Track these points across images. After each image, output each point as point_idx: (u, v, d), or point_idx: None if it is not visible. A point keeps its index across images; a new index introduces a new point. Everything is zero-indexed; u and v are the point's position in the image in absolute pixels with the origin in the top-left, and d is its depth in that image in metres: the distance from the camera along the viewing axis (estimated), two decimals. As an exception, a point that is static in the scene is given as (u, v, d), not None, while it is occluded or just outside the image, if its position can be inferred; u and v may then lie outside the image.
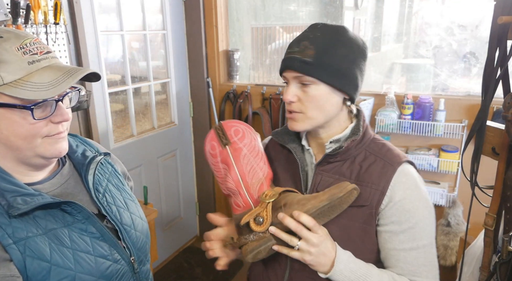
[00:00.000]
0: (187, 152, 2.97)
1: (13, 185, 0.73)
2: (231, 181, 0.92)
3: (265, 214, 0.86)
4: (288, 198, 0.88)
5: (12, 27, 1.57)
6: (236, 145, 0.94)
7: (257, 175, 0.92)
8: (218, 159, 0.95)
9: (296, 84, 0.90)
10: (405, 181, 0.90)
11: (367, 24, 2.81)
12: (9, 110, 0.70)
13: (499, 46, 1.15)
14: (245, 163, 0.93)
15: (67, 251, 0.75)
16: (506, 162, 1.19)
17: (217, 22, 2.68)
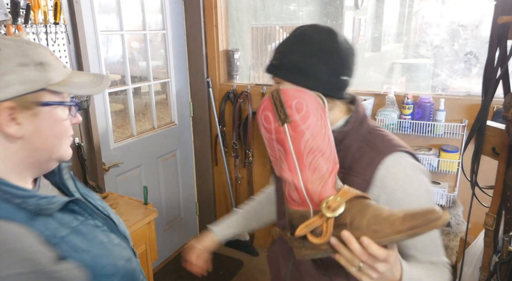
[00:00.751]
0: (187, 152, 2.97)
1: (28, 191, 0.74)
2: (286, 170, 0.77)
3: (325, 228, 0.73)
4: (355, 211, 0.73)
5: (12, 28, 1.57)
6: (297, 125, 0.75)
7: (319, 170, 0.76)
8: (273, 136, 0.78)
9: (275, 84, 0.97)
10: (396, 171, 0.87)
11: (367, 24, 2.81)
12: (54, 108, 0.75)
13: (499, 46, 1.15)
14: (307, 152, 0.75)
15: (95, 243, 0.79)
16: (506, 162, 1.19)
17: (217, 22, 2.68)
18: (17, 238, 0.67)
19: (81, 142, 2.03)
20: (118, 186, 2.38)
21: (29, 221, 0.70)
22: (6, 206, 0.70)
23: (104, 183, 2.20)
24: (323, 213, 0.73)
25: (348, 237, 0.70)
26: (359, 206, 0.73)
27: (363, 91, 2.38)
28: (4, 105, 0.68)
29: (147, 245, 1.74)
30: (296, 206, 0.78)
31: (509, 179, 1.16)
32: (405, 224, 0.68)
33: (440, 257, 0.91)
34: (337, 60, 0.91)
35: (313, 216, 0.75)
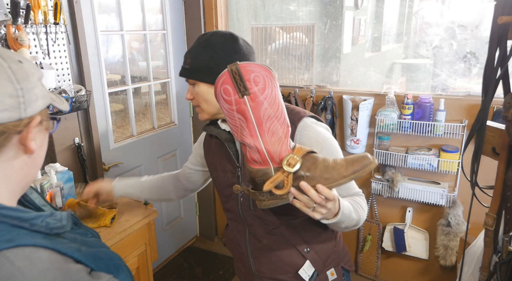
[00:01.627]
0: (187, 152, 2.97)
1: (29, 212, 0.69)
2: (248, 136, 0.87)
3: (286, 181, 0.87)
4: (309, 165, 0.87)
5: (12, 28, 1.57)
6: (256, 97, 0.84)
7: (277, 133, 0.87)
8: (233, 107, 0.86)
9: (190, 86, 1.16)
10: (307, 133, 1.08)
11: (367, 24, 2.81)
12: (49, 122, 0.73)
13: (499, 46, 1.15)
14: (266, 119, 0.86)
15: (99, 249, 0.77)
16: (506, 162, 1.19)
17: (217, 22, 2.68)
18: (56, 264, 0.63)
19: (81, 142, 2.03)
20: (118, 186, 2.38)
21: (50, 243, 0.66)
22: (20, 231, 0.64)
23: (104, 183, 2.20)
24: (285, 169, 0.86)
25: (306, 187, 0.86)
26: (311, 160, 0.88)
27: (363, 91, 2.38)
28: (36, 119, 0.67)
29: (147, 245, 1.74)
30: (258, 166, 0.89)
31: (509, 179, 1.16)
32: (348, 169, 0.86)
33: (356, 189, 1.13)
34: (239, 59, 1.08)
35: (275, 173, 0.88)
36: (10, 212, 0.65)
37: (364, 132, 2.34)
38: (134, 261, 1.66)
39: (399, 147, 2.31)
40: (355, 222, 1.04)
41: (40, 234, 0.66)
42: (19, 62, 0.66)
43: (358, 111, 2.25)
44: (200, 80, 1.12)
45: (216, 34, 1.12)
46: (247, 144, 0.88)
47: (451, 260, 2.25)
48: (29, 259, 0.61)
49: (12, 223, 0.64)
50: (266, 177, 0.88)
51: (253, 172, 0.90)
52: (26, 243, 0.62)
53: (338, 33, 2.62)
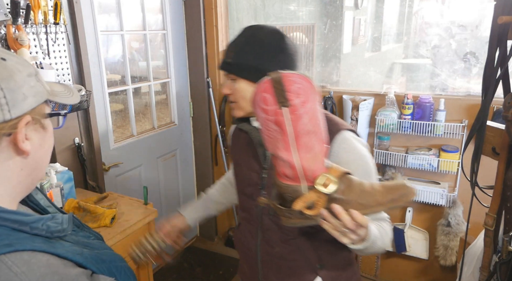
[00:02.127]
0: (187, 152, 2.97)
1: (30, 216, 0.68)
2: (282, 150, 0.82)
3: (318, 202, 0.82)
4: (344, 187, 0.83)
5: (12, 28, 1.57)
6: (296, 109, 0.79)
7: (313, 149, 0.82)
8: (270, 117, 0.81)
9: (228, 80, 1.09)
10: (345, 146, 1.04)
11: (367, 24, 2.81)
12: (49, 120, 0.70)
13: (499, 46, 1.15)
14: (303, 134, 0.80)
15: (101, 251, 0.77)
16: (506, 162, 1.19)
17: (217, 22, 2.68)
18: (55, 269, 0.62)
19: (81, 142, 2.03)
20: (118, 186, 2.38)
21: (50, 245, 0.65)
22: (20, 235, 0.63)
23: (104, 183, 2.20)
24: (319, 189, 0.81)
25: (339, 211, 0.81)
26: (346, 182, 0.83)
27: (363, 91, 2.38)
28: (25, 119, 0.63)
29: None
30: (289, 181, 0.84)
31: (509, 179, 1.16)
32: (385, 197, 0.81)
33: (384, 214, 1.09)
34: (285, 59, 1.05)
35: (309, 192, 0.83)
36: (10, 215, 0.63)
37: (364, 132, 2.34)
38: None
39: (399, 147, 2.31)
40: (378, 249, 0.98)
41: (40, 238, 0.65)
42: (2, 60, 0.62)
43: (358, 111, 2.25)
44: (242, 77, 1.06)
45: (263, 29, 1.07)
46: (280, 157, 0.82)
47: (451, 260, 2.25)
48: (27, 264, 0.59)
49: (12, 226, 0.63)
50: (296, 194, 0.83)
51: (282, 187, 0.85)
52: (25, 247, 0.61)
53: (338, 33, 2.62)
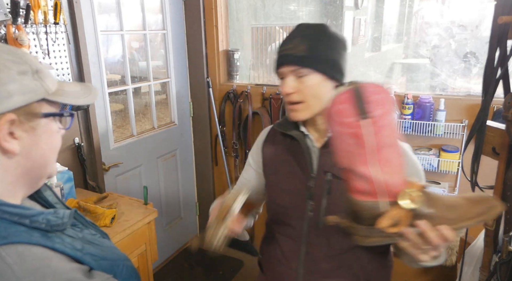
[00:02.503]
0: (187, 152, 2.97)
1: (31, 210, 0.68)
2: (359, 164, 0.76)
3: (404, 219, 0.76)
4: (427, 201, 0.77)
5: (12, 28, 1.57)
6: (376, 122, 0.74)
7: (392, 163, 0.77)
8: (347, 130, 0.75)
9: (292, 77, 1.00)
10: (407, 159, 1.00)
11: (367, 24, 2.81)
12: (51, 121, 0.69)
13: (499, 46, 1.15)
14: (382, 147, 0.75)
15: (105, 249, 0.77)
16: (506, 162, 1.19)
17: (217, 22, 2.68)
18: (48, 262, 0.63)
19: (81, 142, 2.03)
20: (118, 186, 2.38)
21: (48, 239, 0.66)
22: (18, 228, 0.64)
23: (104, 183, 2.20)
24: (404, 205, 0.75)
25: (426, 227, 0.75)
26: (426, 196, 0.77)
27: (363, 91, 2.38)
28: (6, 118, 0.62)
29: (147, 245, 1.74)
30: (365, 197, 0.78)
31: (509, 179, 1.16)
32: (472, 211, 0.76)
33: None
34: (346, 55, 1.04)
35: (391, 208, 0.77)
36: (10, 208, 0.64)
37: (364, 132, 2.34)
38: (134, 261, 1.66)
39: (399, 147, 2.31)
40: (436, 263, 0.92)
41: (38, 232, 0.66)
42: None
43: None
44: (320, 71, 0.98)
45: (326, 26, 1.03)
46: (356, 172, 0.77)
47: (451, 260, 2.24)
48: (21, 256, 0.60)
49: (11, 219, 0.64)
50: (374, 211, 0.78)
51: (357, 204, 0.79)
52: (20, 240, 0.61)
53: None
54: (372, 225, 0.78)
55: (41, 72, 0.67)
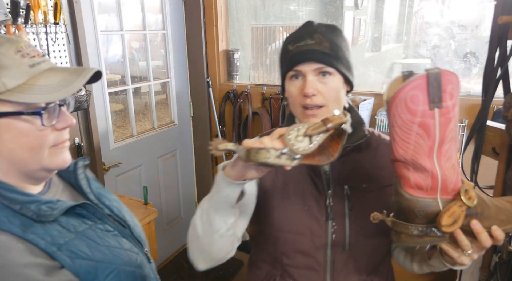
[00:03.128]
0: (187, 152, 2.97)
1: (30, 196, 0.70)
2: (424, 157, 0.71)
3: (460, 218, 0.72)
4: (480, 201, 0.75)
5: (12, 28, 1.57)
6: (447, 112, 0.69)
7: (452, 158, 0.73)
8: (416, 119, 0.69)
9: (314, 77, 0.89)
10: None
11: (367, 24, 2.81)
12: (14, 119, 0.65)
13: (499, 46, 1.15)
14: (448, 140, 0.70)
15: (102, 248, 0.76)
16: (506, 162, 1.19)
17: (217, 22, 2.68)
18: (4, 253, 0.63)
19: (81, 142, 2.03)
20: (118, 186, 2.38)
21: (26, 228, 0.66)
22: (5, 212, 0.66)
23: (104, 183, 2.20)
24: (465, 202, 0.72)
25: (479, 228, 0.73)
26: (478, 196, 0.75)
27: (363, 91, 2.38)
28: None
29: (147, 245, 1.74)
30: (422, 194, 0.74)
31: (509, 179, 1.16)
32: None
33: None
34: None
35: (449, 205, 0.73)
36: (6, 192, 0.67)
37: (364, 132, 2.34)
38: (134, 261, 1.66)
39: (399, 147, 2.31)
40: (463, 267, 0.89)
41: (23, 219, 0.67)
42: None
43: (359, 111, 2.25)
44: (343, 73, 0.90)
45: (336, 25, 0.96)
46: (420, 165, 0.71)
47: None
48: None
49: (2, 202, 0.67)
50: (430, 208, 0.74)
51: (412, 201, 0.74)
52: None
53: (338, 33, 2.62)
54: (425, 223, 0.74)
55: (2, 68, 0.64)
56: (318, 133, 0.67)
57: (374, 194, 0.94)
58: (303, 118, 0.92)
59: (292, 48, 0.90)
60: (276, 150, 0.67)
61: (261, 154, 0.67)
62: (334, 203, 0.92)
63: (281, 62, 0.96)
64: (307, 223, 0.92)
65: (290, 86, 0.92)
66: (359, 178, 0.95)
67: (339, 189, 0.93)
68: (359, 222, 0.92)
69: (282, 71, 0.95)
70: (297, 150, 0.67)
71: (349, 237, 0.91)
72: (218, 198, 0.79)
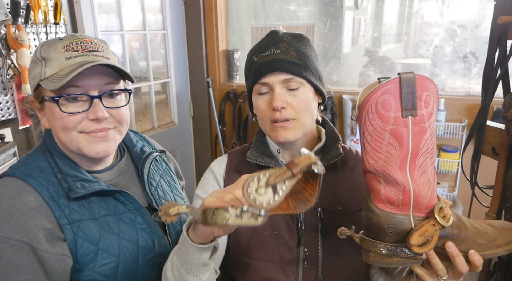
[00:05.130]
0: (187, 152, 2.97)
1: (75, 171, 0.78)
2: (395, 168, 0.65)
3: (433, 238, 0.66)
4: (457, 222, 0.69)
5: (12, 28, 1.57)
6: (421, 121, 0.64)
7: (426, 173, 0.67)
8: (387, 127, 0.64)
9: (282, 89, 0.82)
10: None
11: (367, 24, 2.81)
12: (48, 103, 0.76)
13: (499, 46, 1.15)
14: (422, 152, 0.65)
15: (114, 238, 0.79)
16: (506, 162, 1.19)
17: (217, 22, 2.68)
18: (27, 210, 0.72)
19: (81, 142, 2.04)
20: (118, 186, 2.38)
21: (56, 196, 0.75)
22: (46, 176, 0.75)
23: (104, 183, 2.20)
24: (438, 221, 0.65)
25: (455, 251, 0.66)
26: (456, 216, 0.68)
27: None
28: (29, 99, 0.80)
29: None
30: (393, 209, 0.67)
31: (509, 179, 1.16)
32: (503, 238, 0.69)
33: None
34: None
35: (421, 223, 0.66)
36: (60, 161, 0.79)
37: (364, 132, 2.34)
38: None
39: (399, 147, 2.31)
40: None
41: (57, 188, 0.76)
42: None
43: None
44: (313, 83, 0.84)
45: (305, 36, 0.90)
46: (391, 177, 0.66)
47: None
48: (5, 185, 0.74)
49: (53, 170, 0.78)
50: (400, 226, 0.67)
51: (382, 216, 0.68)
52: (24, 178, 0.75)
53: (338, 33, 2.62)
54: (395, 242, 0.68)
55: (47, 59, 0.75)
56: (284, 181, 0.57)
57: (349, 217, 0.87)
58: (272, 132, 0.84)
59: (257, 59, 0.83)
60: (235, 208, 0.56)
61: (219, 216, 0.56)
62: (306, 227, 0.85)
63: (247, 75, 0.89)
64: (277, 249, 0.84)
65: (257, 101, 0.85)
66: (333, 199, 0.87)
67: (312, 211, 0.85)
68: (333, 246, 0.85)
69: (248, 85, 0.87)
70: (259, 205, 0.56)
71: (322, 264, 0.84)
72: (188, 259, 0.70)
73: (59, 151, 0.81)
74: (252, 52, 0.87)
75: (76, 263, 0.75)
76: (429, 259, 0.67)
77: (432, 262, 0.67)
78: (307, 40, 0.88)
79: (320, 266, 0.84)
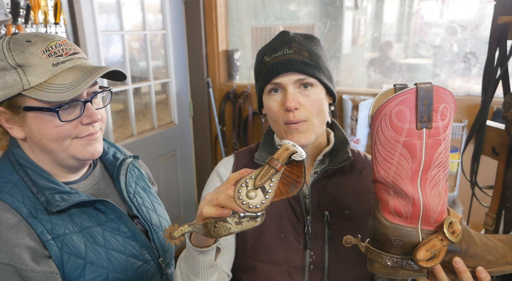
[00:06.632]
0: (187, 152, 2.97)
1: (52, 183, 0.75)
2: (406, 181, 0.64)
3: (441, 253, 0.65)
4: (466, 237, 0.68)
5: (12, 28, 1.57)
6: (436, 134, 0.62)
7: (438, 186, 0.65)
8: (400, 138, 0.62)
9: (295, 89, 0.82)
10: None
11: (367, 24, 2.81)
12: (38, 113, 0.71)
13: (499, 46, 1.15)
14: (435, 165, 0.63)
15: (100, 250, 0.76)
16: (506, 162, 1.19)
17: (217, 22, 2.68)
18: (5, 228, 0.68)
19: (81, 142, 2.04)
20: (118, 186, 2.38)
21: (34, 212, 0.71)
22: (20, 191, 0.71)
23: (104, 183, 2.20)
24: (447, 236, 0.64)
25: (462, 267, 0.66)
26: (465, 231, 0.68)
27: (363, 91, 2.38)
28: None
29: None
30: (401, 221, 0.66)
31: (509, 179, 1.16)
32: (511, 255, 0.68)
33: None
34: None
35: (430, 237, 0.66)
36: (33, 174, 0.74)
37: (364, 132, 2.34)
38: (134, 261, 1.66)
39: (399, 147, 2.31)
40: None
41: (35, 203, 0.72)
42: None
43: (358, 111, 2.25)
44: (325, 84, 0.83)
45: (312, 35, 0.90)
46: (401, 189, 0.64)
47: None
48: None
49: (27, 184, 0.73)
50: (408, 238, 0.66)
51: (390, 228, 0.67)
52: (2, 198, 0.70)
53: (338, 33, 2.62)
54: (401, 254, 0.67)
55: (28, 66, 0.69)
56: (269, 179, 0.59)
57: (356, 221, 0.86)
58: (286, 134, 0.84)
59: (269, 60, 0.83)
60: (233, 217, 0.60)
61: (220, 228, 0.60)
62: (313, 230, 0.84)
63: (257, 75, 0.88)
64: (283, 252, 0.84)
65: (269, 101, 0.85)
66: (341, 203, 0.87)
67: (319, 215, 0.85)
68: (339, 251, 0.85)
69: (259, 85, 0.87)
70: (254, 209, 0.59)
71: (328, 268, 0.84)
72: (194, 264, 0.74)
73: (31, 162, 0.76)
74: (263, 52, 0.87)
75: (65, 279, 0.72)
76: (435, 273, 0.67)
77: (438, 276, 0.67)
78: (317, 41, 0.88)
79: (326, 270, 0.84)
